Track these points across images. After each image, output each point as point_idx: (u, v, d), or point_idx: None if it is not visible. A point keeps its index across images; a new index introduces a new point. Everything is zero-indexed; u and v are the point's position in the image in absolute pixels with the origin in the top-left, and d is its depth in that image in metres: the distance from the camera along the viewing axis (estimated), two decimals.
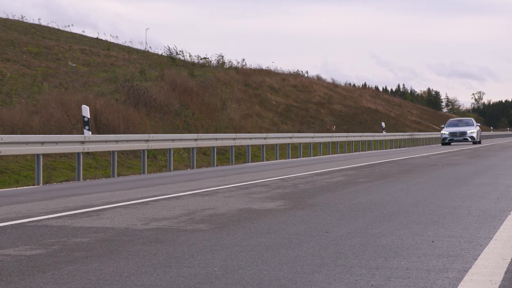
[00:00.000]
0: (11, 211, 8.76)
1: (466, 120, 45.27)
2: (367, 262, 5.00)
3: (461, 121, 45.23)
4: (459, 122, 44.90)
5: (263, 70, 56.16)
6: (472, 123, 44.10)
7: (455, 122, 44.64)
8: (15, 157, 20.42)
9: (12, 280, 4.51)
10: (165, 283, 4.38)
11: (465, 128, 42.56)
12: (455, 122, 44.89)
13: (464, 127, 42.85)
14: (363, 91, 73.45)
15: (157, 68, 41.89)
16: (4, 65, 32.97)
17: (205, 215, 7.79)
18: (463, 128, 42.72)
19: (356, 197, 9.69)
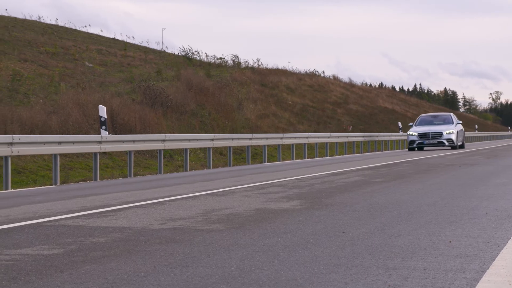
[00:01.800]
0: (28, 210, 8.81)
1: (443, 116, 34.94)
2: (384, 262, 4.98)
3: (437, 117, 34.86)
4: (433, 118, 34.48)
5: (279, 70, 56.15)
6: (451, 120, 33.61)
7: (428, 119, 34.30)
8: (32, 157, 20.52)
9: (30, 280, 4.53)
10: (182, 282, 4.39)
11: (440, 128, 32.33)
12: (428, 118, 34.50)
13: (440, 126, 32.68)
14: (379, 91, 73.26)
15: (173, 68, 41.97)
16: (21, 65, 33.15)
17: (222, 215, 7.79)
18: (438, 127, 32.53)
19: (373, 197, 9.66)
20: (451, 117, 34.40)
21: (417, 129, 32.78)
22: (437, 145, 32.05)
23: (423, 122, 33.74)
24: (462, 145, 34.03)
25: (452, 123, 33.25)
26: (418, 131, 32.28)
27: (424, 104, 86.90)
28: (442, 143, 31.92)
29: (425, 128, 32.55)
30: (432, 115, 35.64)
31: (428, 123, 33.49)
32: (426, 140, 31.99)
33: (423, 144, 32.09)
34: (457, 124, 33.28)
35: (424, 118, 34.54)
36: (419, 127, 32.89)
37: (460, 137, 33.27)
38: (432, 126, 32.82)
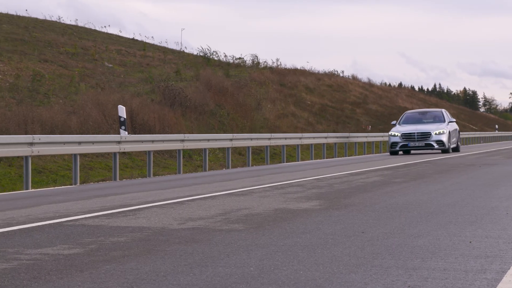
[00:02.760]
0: (49, 210, 8.85)
1: (433, 113, 29.45)
2: (404, 262, 4.97)
3: (425, 114, 29.44)
4: (421, 116, 29.26)
5: (298, 70, 56.10)
6: (442, 118, 28.48)
7: (415, 116, 29.11)
8: (52, 157, 20.63)
9: (51, 279, 4.55)
10: (202, 282, 4.39)
11: (429, 127, 27.38)
12: (415, 116, 29.26)
13: (428, 125, 27.73)
14: (399, 91, 73.03)
15: (192, 68, 42.05)
16: (42, 65, 33.34)
17: (241, 215, 7.80)
18: (426, 126, 27.58)
19: (392, 197, 9.63)
20: (443, 114, 29.00)
21: (400, 128, 27.54)
22: (425, 148, 27.08)
23: (409, 120, 28.61)
24: (456, 147, 28.78)
25: (444, 121, 28.10)
26: (401, 131, 27.14)
27: (444, 104, 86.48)
28: (431, 146, 26.96)
29: (410, 128, 27.39)
30: (420, 112, 29.87)
31: (415, 121, 28.35)
32: (411, 141, 26.89)
33: (408, 147, 27.04)
34: (449, 123, 28.19)
35: (410, 115, 29.29)
36: (404, 126, 27.75)
37: (453, 138, 28.23)
38: (420, 125, 27.70)
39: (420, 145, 26.92)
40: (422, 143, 26.90)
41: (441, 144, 26.96)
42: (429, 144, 26.91)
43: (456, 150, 28.89)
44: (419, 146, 26.96)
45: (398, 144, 27.07)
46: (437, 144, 26.93)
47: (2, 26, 40.19)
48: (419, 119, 28.69)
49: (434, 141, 26.91)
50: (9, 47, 34.83)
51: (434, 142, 26.91)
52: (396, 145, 27.12)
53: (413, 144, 26.94)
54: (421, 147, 27.04)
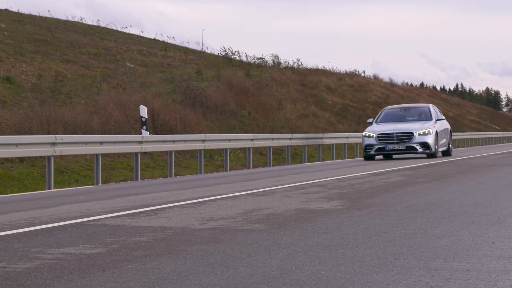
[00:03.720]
0: (71, 210, 8.90)
1: (418, 109, 24.76)
2: (426, 263, 4.94)
3: (409, 110, 24.88)
4: (404, 112, 24.75)
5: (319, 70, 56.02)
6: (429, 115, 24.03)
7: (395, 113, 24.66)
8: (74, 157, 20.74)
9: (73, 279, 4.58)
10: (223, 282, 4.40)
11: (411, 126, 23.01)
12: (395, 112, 24.77)
13: (411, 124, 23.38)
14: (420, 91, 72.71)
15: (213, 68, 42.11)
16: (64, 66, 33.53)
17: (262, 215, 7.79)
18: (408, 125, 23.22)
19: (414, 198, 9.59)
20: (430, 110, 24.31)
21: (377, 127, 23.24)
22: (406, 151, 22.72)
23: (389, 118, 24.16)
24: (447, 151, 24.51)
25: (430, 119, 23.67)
26: (377, 131, 22.81)
27: (466, 104, 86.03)
28: (413, 149, 22.56)
29: (388, 127, 23.01)
30: (403, 108, 25.21)
31: (396, 119, 24.02)
32: (389, 144, 22.56)
33: (385, 151, 22.72)
34: (437, 121, 23.74)
35: (390, 112, 24.69)
36: (381, 125, 23.46)
37: (442, 140, 23.81)
38: (400, 124, 23.34)
39: (399, 148, 22.58)
40: (403, 145, 22.55)
41: (425, 147, 22.50)
42: (411, 147, 22.50)
43: (446, 154, 24.57)
44: (398, 149, 22.65)
45: (373, 147, 22.69)
46: (421, 147, 22.50)
47: (25, 27, 40.47)
48: (401, 117, 24.30)
49: (417, 143, 22.48)
50: (32, 47, 35.07)
51: (417, 145, 22.49)
52: (371, 148, 22.75)
53: (392, 147, 22.60)
54: (401, 151, 22.70)
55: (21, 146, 14.48)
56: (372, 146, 22.80)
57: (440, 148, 23.84)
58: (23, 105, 25.00)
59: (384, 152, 22.92)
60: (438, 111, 24.89)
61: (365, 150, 22.99)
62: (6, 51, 32.48)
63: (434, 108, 24.96)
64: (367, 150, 22.93)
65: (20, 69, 30.03)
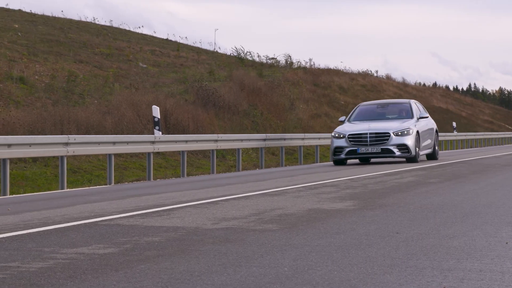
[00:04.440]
0: (84, 210, 8.93)
1: (397, 106, 21.76)
2: (439, 263, 4.93)
3: (386, 107, 21.80)
4: (381, 109, 21.67)
5: (331, 69, 55.96)
6: (410, 112, 21.02)
7: (372, 110, 21.64)
8: (87, 157, 20.81)
9: (86, 278, 4.59)
10: (235, 282, 4.40)
11: (387, 125, 20.09)
12: (371, 109, 21.71)
13: (388, 122, 20.39)
14: (433, 91, 72.51)
15: (225, 68, 42.14)
16: (77, 66, 33.64)
17: (274, 215, 7.79)
18: (384, 124, 20.27)
19: (427, 198, 9.56)
20: (411, 106, 21.23)
21: (349, 127, 20.29)
22: (381, 155, 19.70)
23: (363, 115, 21.20)
24: (432, 154, 21.55)
25: (411, 117, 20.69)
26: (349, 131, 19.87)
27: (480, 103, 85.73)
28: (389, 152, 19.56)
29: (362, 126, 20.07)
30: (380, 104, 22.17)
31: (372, 117, 21.04)
32: (362, 146, 19.58)
33: (357, 154, 19.73)
34: (420, 119, 20.87)
35: (365, 109, 21.64)
36: (354, 124, 20.51)
37: (425, 141, 20.86)
38: (375, 123, 20.35)
39: (374, 151, 19.58)
40: (377, 148, 19.55)
41: (404, 149, 19.56)
42: (387, 149, 19.55)
43: (431, 158, 21.67)
44: (372, 152, 19.62)
45: (343, 149, 19.78)
46: (398, 150, 19.55)
47: (38, 27, 40.63)
48: (379, 114, 21.28)
49: (394, 145, 19.52)
50: (45, 48, 35.20)
51: (395, 147, 19.52)
52: (341, 151, 19.83)
53: (364, 150, 19.57)
54: (376, 154, 19.71)
55: (35, 146, 14.53)
56: (342, 148, 19.85)
57: (423, 151, 20.76)
58: (37, 105, 25.10)
59: (356, 156, 19.93)
60: (421, 108, 21.97)
61: (334, 153, 20.03)
62: (19, 52, 32.61)
63: (417, 104, 21.93)
64: (336, 153, 19.96)
65: (34, 70, 30.16)
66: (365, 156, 20.02)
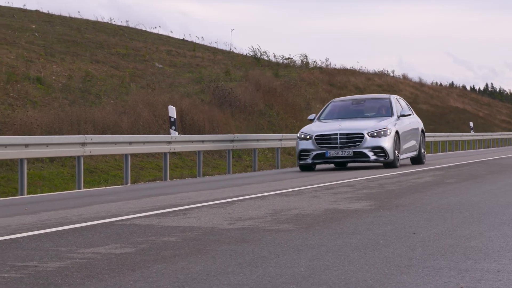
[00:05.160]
0: (101, 210, 8.96)
1: (374, 102, 18.93)
2: (456, 264, 4.91)
3: (363, 103, 19.03)
4: (357, 106, 18.97)
5: (347, 69, 55.86)
6: (389, 110, 18.22)
7: (346, 107, 18.90)
8: (104, 156, 20.88)
9: (103, 278, 4.61)
10: (252, 282, 4.40)
11: (361, 124, 17.41)
12: (346, 106, 18.97)
13: (362, 121, 17.74)
14: (450, 90, 72.22)
15: (241, 68, 42.16)
16: (93, 66, 33.77)
17: (291, 215, 7.79)
18: (358, 123, 17.59)
19: (444, 198, 9.53)
20: (391, 102, 18.38)
21: (317, 126, 17.62)
22: (354, 159, 17.00)
23: (336, 113, 18.50)
24: (417, 157, 18.91)
25: (391, 114, 17.91)
26: (316, 132, 17.17)
27: (497, 103, 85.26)
28: (363, 156, 16.92)
29: (331, 126, 17.36)
30: (355, 99, 19.27)
31: (345, 115, 18.33)
32: (331, 149, 16.90)
33: (326, 158, 17.00)
34: (401, 118, 18.06)
35: (338, 105, 18.90)
36: (325, 123, 17.84)
37: (409, 142, 18.28)
38: (347, 121, 17.63)
39: (345, 154, 16.88)
40: (349, 151, 16.86)
41: (380, 152, 16.89)
42: (360, 153, 16.88)
43: (417, 162, 19.05)
44: (343, 156, 16.91)
45: (310, 153, 17.05)
46: (374, 154, 16.89)
47: (55, 28, 40.83)
48: (354, 112, 18.57)
49: (368, 147, 16.87)
50: (62, 48, 35.36)
51: (369, 150, 16.86)
52: (308, 154, 17.10)
53: (334, 154, 16.87)
54: (347, 158, 16.99)
55: (52, 146, 14.60)
56: (308, 152, 17.08)
57: (405, 154, 18.09)
58: (54, 105, 25.22)
59: (325, 161, 17.12)
60: (404, 104, 19.15)
61: (300, 157, 17.24)
62: (36, 52, 32.78)
63: (399, 100, 19.04)
64: (302, 157, 17.18)
65: (50, 70, 30.30)
66: (334, 161, 17.25)
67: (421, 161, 19.24)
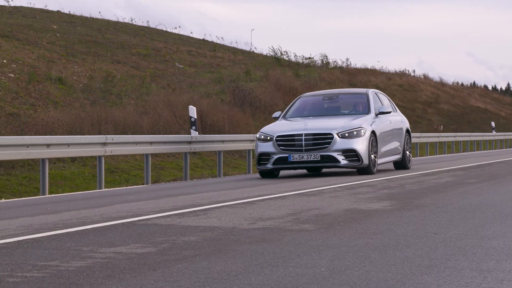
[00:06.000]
0: (122, 209, 8.99)
1: (349, 98, 16.73)
2: (478, 264, 4.88)
3: (336, 99, 16.54)
4: (329, 102, 16.38)
5: (368, 69, 55.71)
6: (366, 106, 15.81)
7: (317, 102, 16.45)
8: (125, 156, 20.96)
9: (124, 278, 4.62)
10: (272, 282, 4.40)
11: (330, 123, 14.99)
12: (317, 101, 16.49)
13: (331, 120, 15.29)
14: (471, 90, 71.81)
15: (262, 68, 42.16)
16: (114, 66, 33.91)
17: (311, 215, 7.78)
18: (326, 122, 15.17)
19: (465, 198, 9.48)
20: (369, 98, 15.91)
21: (279, 126, 15.28)
22: (321, 163, 14.64)
23: (305, 110, 16.13)
24: (401, 162, 16.65)
25: (367, 112, 15.56)
26: (278, 132, 14.83)
27: None
28: (332, 161, 14.59)
29: (296, 125, 15.07)
30: (327, 94, 16.64)
31: (315, 112, 16.00)
32: (294, 152, 14.59)
33: (289, 163, 14.70)
34: (380, 115, 15.68)
35: (307, 101, 16.43)
36: (290, 122, 15.54)
37: (389, 144, 16.01)
38: (314, 120, 15.34)
39: (311, 159, 14.51)
40: (316, 154, 14.49)
41: (352, 156, 14.57)
42: (329, 157, 14.53)
43: (401, 167, 16.78)
44: (309, 161, 14.55)
45: (271, 157, 14.78)
46: (345, 158, 14.56)
47: (77, 28, 41.04)
48: (326, 109, 16.16)
49: (338, 150, 14.52)
50: (83, 48, 35.54)
51: (339, 154, 14.53)
52: (268, 159, 14.82)
53: (298, 158, 14.55)
54: (314, 163, 14.62)
55: (73, 146, 14.68)
56: (268, 155, 14.79)
57: (385, 158, 15.79)
58: (75, 105, 25.35)
59: (288, 166, 14.76)
60: (386, 101, 16.76)
61: (259, 162, 14.98)
62: (58, 53, 32.97)
63: (378, 95, 16.51)
64: (262, 162, 14.93)
65: (72, 70, 30.46)
66: (299, 166, 14.80)
67: (406, 166, 16.78)
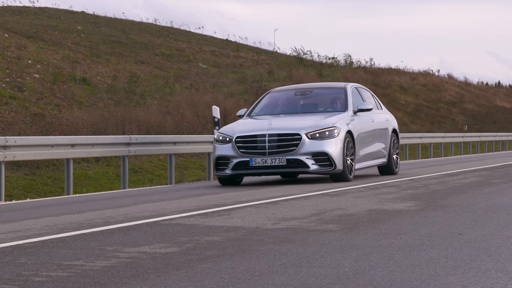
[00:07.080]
0: (145, 209, 9.03)
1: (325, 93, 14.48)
2: (504, 265, 4.84)
3: (309, 95, 14.39)
4: (302, 98, 14.36)
5: (391, 69, 55.48)
6: (344, 103, 13.69)
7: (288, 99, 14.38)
8: (148, 157, 21.04)
9: (148, 277, 4.64)
10: (296, 282, 4.39)
11: (298, 122, 12.96)
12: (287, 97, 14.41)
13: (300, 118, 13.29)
14: (496, 90, 71.29)
15: (285, 68, 42.14)
16: (138, 67, 34.04)
17: (335, 215, 7.76)
18: (294, 120, 13.19)
19: (490, 198, 9.41)
20: (347, 93, 13.97)
21: (240, 125, 13.45)
22: (287, 169, 12.74)
23: (274, 107, 14.34)
24: (387, 166, 14.85)
25: (344, 109, 13.68)
26: (238, 132, 12.95)
27: None
28: (301, 165, 12.69)
29: (259, 124, 13.20)
30: (300, 89, 14.75)
31: (285, 110, 14.19)
32: (257, 155, 12.69)
33: (250, 168, 12.80)
34: (359, 113, 13.79)
35: (277, 97, 14.60)
36: (253, 121, 13.71)
37: (370, 147, 14.17)
38: (281, 118, 13.55)
39: (275, 163, 12.65)
40: (281, 158, 12.61)
41: (323, 160, 12.68)
42: (296, 161, 12.64)
43: (387, 172, 14.97)
44: (273, 166, 12.68)
45: (230, 161, 12.88)
46: (315, 162, 12.68)
47: (101, 29, 41.26)
48: (299, 106, 14.37)
49: (307, 154, 12.64)
50: (107, 49, 35.72)
51: (308, 157, 12.65)
52: (227, 163, 12.92)
53: (261, 162, 12.67)
54: (279, 169, 12.78)
55: (97, 146, 14.75)
56: (227, 159, 12.91)
57: (365, 162, 13.97)
58: (99, 105, 25.49)
59: (250, 171, 12.93)
60: (366, 96, 14.77)
61: (217, 167, 13.09)
62: (82, 53, 33.16)
63: (359, 90, 14.62)
64: (220, 166, 13.01)
65: (96, 70, 30.63)
66: (262, 172, 12.96)
67: (393, 171, 14.95)
